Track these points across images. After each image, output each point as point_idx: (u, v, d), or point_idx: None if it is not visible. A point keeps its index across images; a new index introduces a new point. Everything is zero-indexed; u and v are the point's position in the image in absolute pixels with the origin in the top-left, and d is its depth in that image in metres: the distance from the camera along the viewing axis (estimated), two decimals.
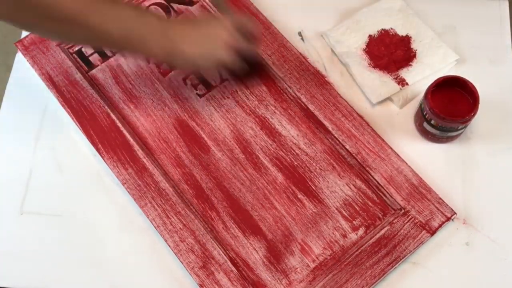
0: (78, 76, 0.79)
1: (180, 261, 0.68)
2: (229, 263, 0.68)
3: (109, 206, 0.74)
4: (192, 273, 0.68)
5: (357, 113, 0.76)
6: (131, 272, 0.70)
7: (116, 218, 0.73)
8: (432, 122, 0.72)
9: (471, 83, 0.72)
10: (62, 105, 0.77)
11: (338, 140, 0.74)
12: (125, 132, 0.75)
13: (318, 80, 0.78)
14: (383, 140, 0.74)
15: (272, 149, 0.75)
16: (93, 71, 0.80)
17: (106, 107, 0.77)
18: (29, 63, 0.80)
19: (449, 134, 0.74)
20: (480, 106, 0.71)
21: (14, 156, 0.77)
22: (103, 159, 0.74)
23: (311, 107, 0.76)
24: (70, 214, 0.73)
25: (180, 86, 0.79)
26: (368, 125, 0.75)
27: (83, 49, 0.82)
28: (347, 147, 0.74)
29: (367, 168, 0.72)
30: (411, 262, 0.70)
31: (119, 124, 0.76)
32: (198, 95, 0.79)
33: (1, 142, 0.78)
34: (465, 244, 0.71)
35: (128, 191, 0.72)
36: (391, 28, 0.83)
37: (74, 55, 0.81)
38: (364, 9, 0.85)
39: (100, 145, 0.75)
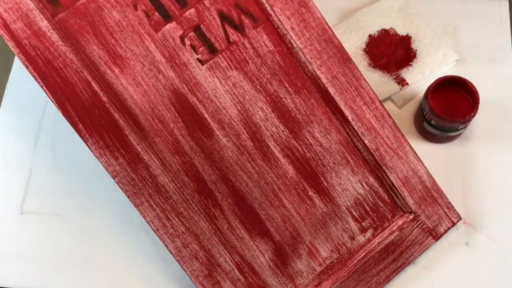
0: (43, 24, 0.60)
1: (184, 269, 0.63)
2: (236, 271, 0.64)
3: (109, 206, 0.73)
4: (196, 282, 0.63)
5: (379, 101, 0.68)
6: (131, 272, 0.70)
7: (116, 218, 0.72)
8: (432, 122, 0.71)
9: (471, 83, 0.71)
10: (26, 67, 0.60)
11: (357, 132, 0.67)
12: (111, 109, 0.61)
13: (341, 56, 0.67)
14: (402, 135, 0.68)
15: (284, 137, 0.66)
16: (62, 15, 0.62)
17: (85, 72, 0.61)
18: None
19: (449, 134, 0.73)
20: (480, 106, 0.70)
21: (14, 156, 0.76)
22: (86, 144, 0.61)
23: (331, 90, 0.66)
24: (70, 214, 0.73)
25: (176, 47, 0.64)
26: (390, 116, 0.68)
27: None
28: (366, 141, 0.67)
29: (384, 167, 0.67)
30: (411, 262, 0.70)
31: (105, 99, 0.61)
32: (199, 60, 0.65)
33: (1, 142, 0.77)
34: (465, 244, 0.72)
35: (119, 186, 0.61)
36: (391, 28, 0.81)
37: None
38: (364, 9, 0.83)
39: (81, 126, 0.61)
